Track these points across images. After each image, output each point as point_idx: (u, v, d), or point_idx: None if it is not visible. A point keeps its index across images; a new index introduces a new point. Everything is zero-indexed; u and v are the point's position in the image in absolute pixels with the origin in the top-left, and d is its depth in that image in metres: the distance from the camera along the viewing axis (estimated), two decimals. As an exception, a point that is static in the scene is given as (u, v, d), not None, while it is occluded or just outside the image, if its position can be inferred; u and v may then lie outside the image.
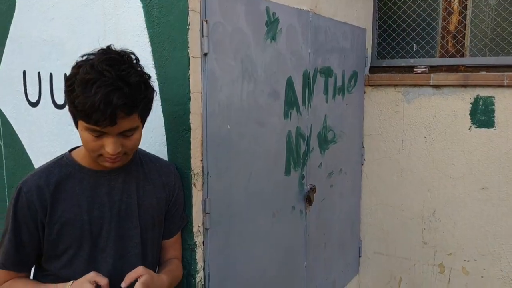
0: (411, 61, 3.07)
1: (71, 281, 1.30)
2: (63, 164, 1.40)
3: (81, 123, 1.25)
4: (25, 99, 2.11)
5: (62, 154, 1.46)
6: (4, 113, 2.25)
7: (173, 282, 1.54)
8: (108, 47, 1.29)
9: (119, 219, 1.43)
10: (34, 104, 2.08)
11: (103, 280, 1.25)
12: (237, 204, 1.89)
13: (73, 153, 1.45)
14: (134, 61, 1.30)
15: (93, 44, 1.82)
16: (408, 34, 3.11)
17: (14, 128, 2.20)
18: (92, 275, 1.26)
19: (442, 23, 3.02)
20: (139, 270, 1.31)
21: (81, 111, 1.19)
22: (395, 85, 3.01)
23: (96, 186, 1.40)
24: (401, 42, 3.13)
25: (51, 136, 2.05)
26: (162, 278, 1.42)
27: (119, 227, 1.43)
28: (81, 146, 1.46)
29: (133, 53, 1.33)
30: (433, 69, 2.99)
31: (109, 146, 1.26)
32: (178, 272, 1.61)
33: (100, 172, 1.41)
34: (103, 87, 1.17)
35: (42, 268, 1.43)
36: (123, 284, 1.27)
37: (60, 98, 1.97)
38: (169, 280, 1.48)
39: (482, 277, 2.91)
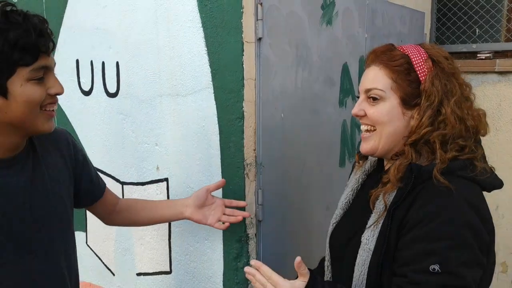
0: (474, 46, 2.89)
1: None
2: None
3: (19, 75, 1.06)
4: (78, 88, 2.13)
5: None
6: (59, 102, 2.27)
7: None
8: None
9: (25, 213, 1.19)
10: (87, 93, 2.09)
11: None
12: (290, 195, 1.82)
13: None
14: None
15: (144, 31, 1.79)
16: (470, 18, 2.92)
17: (68, 117, 2.23)
18: None
19: (508, 5, 2.83)
20: None
21: (24, 43, 1.04)
22: (456, 72, 2.84)
23: None
24: (462, 26, 2.95)
25: (102, 124, 2.05)
26: None
27: (25, 223, 1.19)
28: None
29: None
30: (498, 54, 2.81)
31: (56, 83, 1.13)
32: None
33: None
34: (30, 17, 1.08)
35: None
36: None
37: (112, 87, 1.96)
38: None
39: (550, 278, 2.71)
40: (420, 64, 1.14)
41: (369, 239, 1.14)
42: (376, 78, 1.16)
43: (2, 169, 1.15)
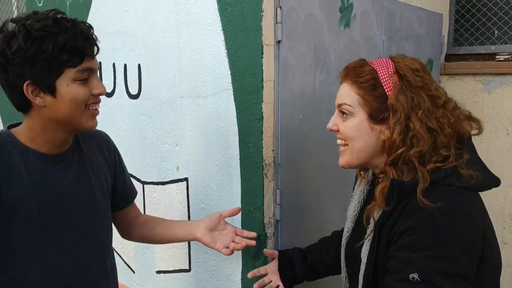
0: (492, 48, 2.87)
1: None
2: (3, 141, 1.20)
3: (66, 75, 1.15)
4: (100, 89, 2.18)
5: None
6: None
7: None
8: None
9: (71, 206, 1.27)
10: (109, 95, 2.14)
11: None
12: (308, 196, 1.84)
13: (14, 131, 1.24)
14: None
15: (165, 34, 1.84)
16: (488, 19, 2.90)
17: (90, 118, 2.28)
18: None
19: (528, 6, 2.79)
20: None
21: (72, 46, 1.13)
22: (474, 74, 2.82)
23: (43, 171, 1.22)
24: (481, 28, 2.92)
25: (124, 125, 2.10)
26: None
27: (71, 216, 1.27)
28: (20, 124, 1.26)
29: None
30: (517, 56, 2.77)
31: (99, 84, 1.22)
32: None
33: (47, 156, 1.24)
34: (78, 23, 1.17)
35: None
36: None
37: (134, 88, 2.01)
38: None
39: None
40: (385, 79, 1.15)
41: (364, 253, 1.18)
42: (345, 94, 1.20)
43: (51, 164, 1.25)
